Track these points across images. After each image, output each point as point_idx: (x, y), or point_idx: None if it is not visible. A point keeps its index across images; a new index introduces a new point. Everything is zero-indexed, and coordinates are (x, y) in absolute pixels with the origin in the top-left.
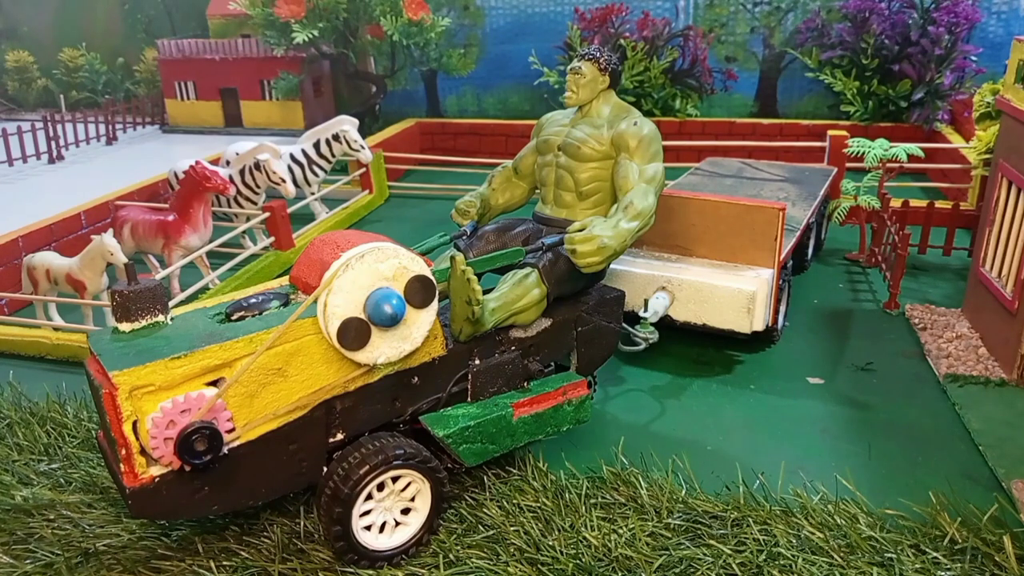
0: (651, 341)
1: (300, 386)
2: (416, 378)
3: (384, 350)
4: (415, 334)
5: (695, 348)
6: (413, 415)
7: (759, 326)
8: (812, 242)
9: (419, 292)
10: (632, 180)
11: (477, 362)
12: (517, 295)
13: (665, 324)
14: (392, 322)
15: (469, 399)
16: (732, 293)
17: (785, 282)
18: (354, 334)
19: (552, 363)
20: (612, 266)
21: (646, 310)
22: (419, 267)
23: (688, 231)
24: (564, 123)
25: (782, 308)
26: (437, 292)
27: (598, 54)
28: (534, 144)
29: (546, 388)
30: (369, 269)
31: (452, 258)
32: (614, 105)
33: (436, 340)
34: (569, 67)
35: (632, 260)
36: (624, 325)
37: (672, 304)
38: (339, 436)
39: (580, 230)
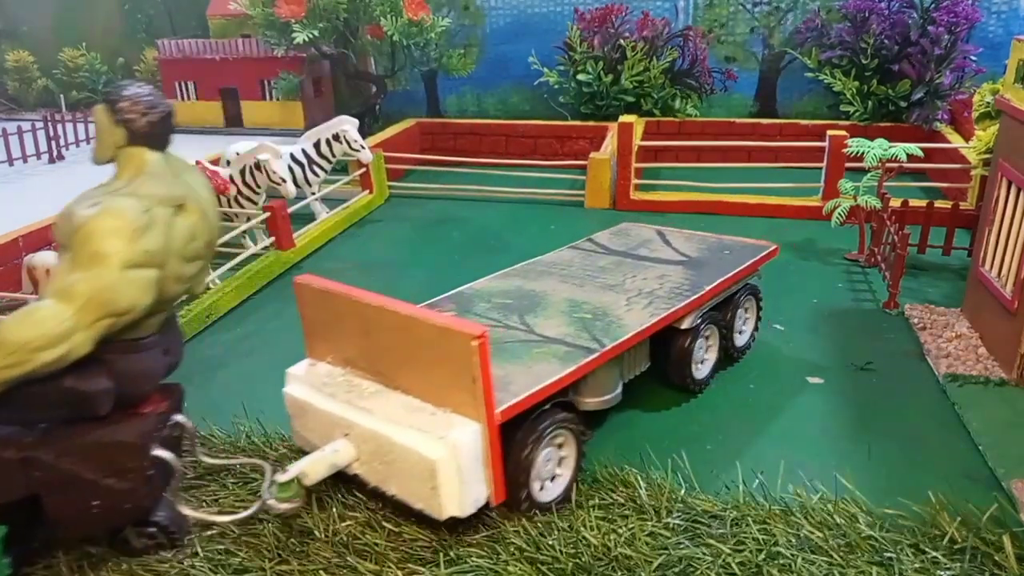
0: (280, 511)
1: None
2: None
3: None
4: None
5: None
6: None
7: (455, 509)
8: (705, 351)
9: None
10: (47, 290)
11: None
12: None
13: (359, 483)
14: None
15: None
16: (411, 458)
17: (547, 431)
18: None
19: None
20: (295, 394)
21: (284, 471)
22: None
23: (388, 354)
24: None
25: (562, 472)
26: None
27: (115, 96)
28: None
29: None
30: None
31: None
32: (135, 171)
33: None
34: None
35: (319, 388)
36: (272, 475)
37: (356, 460)
38: None
39: None
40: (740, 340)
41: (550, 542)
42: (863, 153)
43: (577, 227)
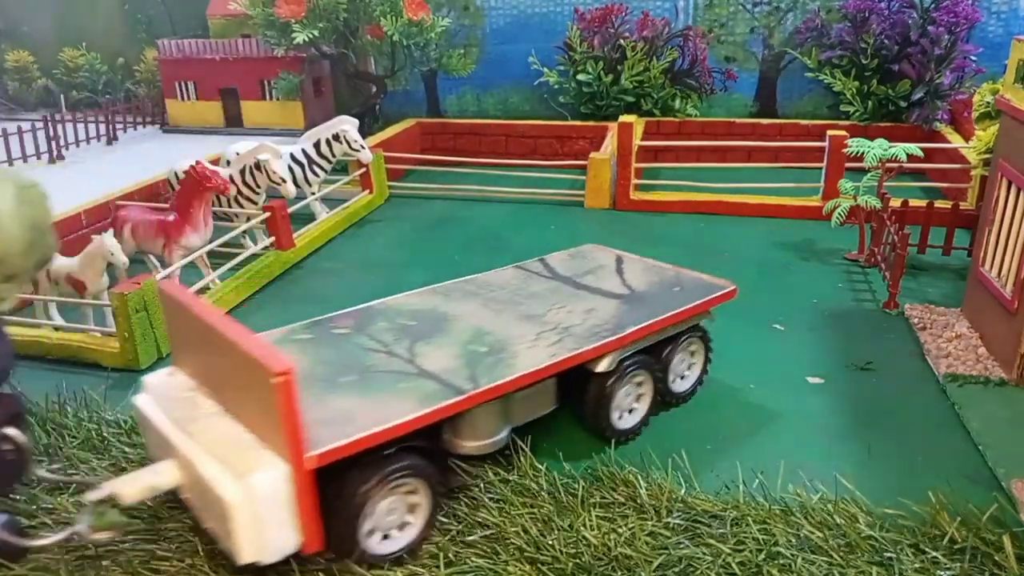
0: (93, 540)
1: None
2: None
3: None
4: None
5: None
6: None
7: (252, 555)
8: (636, 399)
9: None
10: None
11: None
12: None
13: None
14: None
15: None
16: (211, 495)
17: (388, 477)
18: None
19: None
20: (140, 405)
21: (97, 487)
22: None
23: (221, 376)
24: None
25: (412, 522)
26: None
27: None
28: None
29: None
30: None
31: None
32: None
33: None
34: None
35: (161, 402)
36: (89, 493)
37: (182, 485)
38: None
39: None
40: (679, 386)
41: (550, 542)
42: (863, 153)
43: (577, 227)
